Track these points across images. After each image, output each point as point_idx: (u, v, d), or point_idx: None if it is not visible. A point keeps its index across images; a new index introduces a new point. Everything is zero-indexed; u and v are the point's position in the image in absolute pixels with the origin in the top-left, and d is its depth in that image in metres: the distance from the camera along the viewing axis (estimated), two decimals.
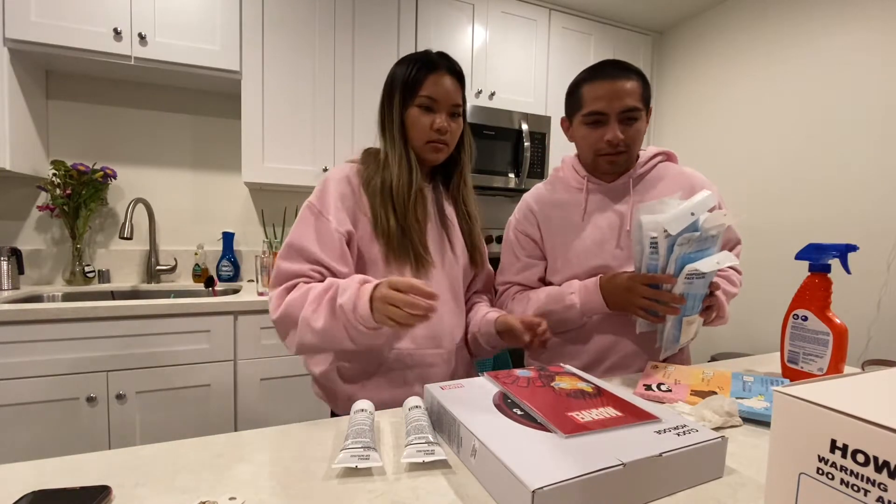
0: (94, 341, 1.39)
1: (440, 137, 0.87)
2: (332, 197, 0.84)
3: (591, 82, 0.94)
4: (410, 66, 0.88)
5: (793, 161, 1.99)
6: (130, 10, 1.62)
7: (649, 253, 0.83)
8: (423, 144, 0.88)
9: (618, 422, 0.50)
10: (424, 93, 0.86)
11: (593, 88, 0.93)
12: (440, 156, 0.90)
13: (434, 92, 0.86)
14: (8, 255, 1.68)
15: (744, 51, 2.20)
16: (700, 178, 1.03)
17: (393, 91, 0.89)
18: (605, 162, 0.96)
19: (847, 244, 0.79)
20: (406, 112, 0.88)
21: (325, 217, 0.82)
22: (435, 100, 0.86)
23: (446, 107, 0.87)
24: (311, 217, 0.83)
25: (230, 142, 2.07)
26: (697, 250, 0.82)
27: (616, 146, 0.93)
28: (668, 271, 0.82)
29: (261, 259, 1.67)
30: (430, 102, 0.86)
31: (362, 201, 0.86)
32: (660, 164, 1.04)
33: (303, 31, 1.86)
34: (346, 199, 0.85)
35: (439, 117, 0.86)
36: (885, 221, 1.69)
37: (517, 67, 2.25)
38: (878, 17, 1.72)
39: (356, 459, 0.47)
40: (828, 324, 0.78)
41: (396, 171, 0.86)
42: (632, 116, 0.92)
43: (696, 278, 0.81)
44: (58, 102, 1.84)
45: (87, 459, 0.49)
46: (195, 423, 1.52)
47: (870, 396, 0.31)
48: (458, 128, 0.90)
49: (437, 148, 0.88)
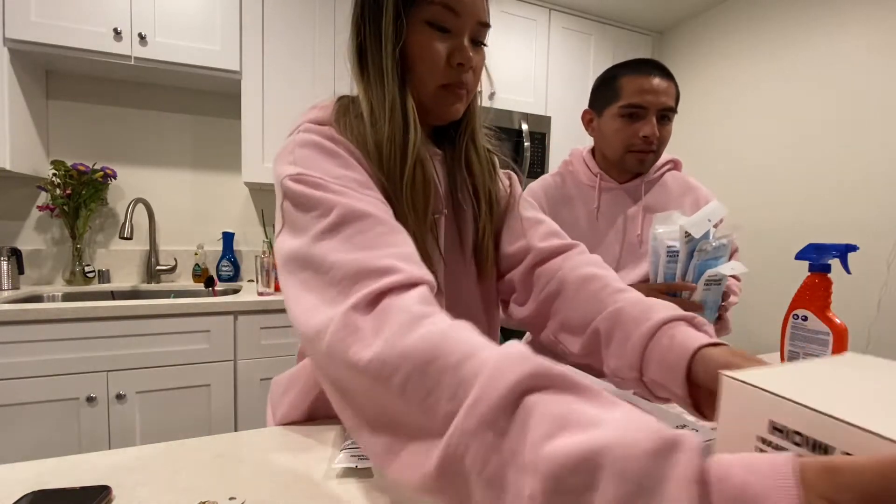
0: (94, 341, 1.39)
1: (462, 77, 0.55)
2: (328, 151, 0.50)
3: (634, 75, 0.91)
4: None
5: (793, 161, 1.99)
6: (130, 10, 1.62)
7: (666, 262, 0.84)
8: (436, 89, 0.55)
9: None
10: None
11: (636, 81, 0.90)
12: (460, 107, 0.58)
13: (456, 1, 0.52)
14: (8, 255, 1.68)
15: (744, 51, 2.20)
16: (704, 192, 1.02)
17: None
18: (635, 159, 0.94)
19: (847, 244, 0.79)
20: (405, 32, 0.53)
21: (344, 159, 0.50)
22: (455, 12, 0.53)
23: (471, 25, 0.54)
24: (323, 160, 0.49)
25: (230, 142, 2.07)
26: (712, 258, 0.83)
27: (651, 143, 0.91)
28: (687, 279, 0.82)
29: (261, 259, 1.67)
30: (448, 16, 0.53)
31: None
32: (667, 172, 1.03)
33: (303, 31, 1.86)
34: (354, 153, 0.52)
35: (460, 43, 0.54)
36: (885, 221, 1.69)
37: (517, 67, 2.25)
38: (878, 18, 1.72)
39: (356, 459, 0.47)
40: (828, 324, 0.78)
41: (386, 129, 0.53)
42: (668, 117, 0.92)
43: (714, 285, 0.82)
44: (58, 102, 1.84)
45: (87, 459, 0.49)
46: (195, 423, 1.52)
47: (809, 381, 0.33)
48: (481, 62, 0.58)
49: (457, 94, 0.56)
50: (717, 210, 0.82)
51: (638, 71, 0.91)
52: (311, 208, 0.45)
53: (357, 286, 0.38)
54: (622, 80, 0.92)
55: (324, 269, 0.40)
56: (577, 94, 2.41)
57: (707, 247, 0.80)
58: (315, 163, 0.48)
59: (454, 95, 0.56)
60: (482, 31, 0.56)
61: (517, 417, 0.27)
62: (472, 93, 0.59)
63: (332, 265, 0.40)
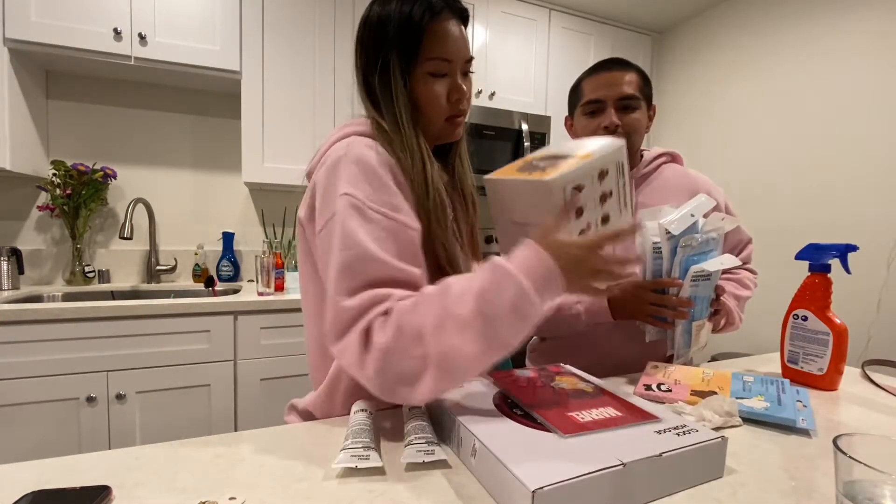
0: (94, 341, 1.39)
1: (460, 109, 0.69)
2: (380, 178, 0.59)
3: (591, 75, 0.96)
4: (404, 11, 0.63)
5: (792, 161, 1.99)
6: (130, 10, 1.62)
7: (652, 258, 0.83)
8: (442, 123, 0.68)
9: (618, 422, 0.50)
10: (436, 53, 0.64)
11: (592, 80, 0.96)
12: (460, 130, 0.72)
13: (446, 49, 0.64)
14: (8, 255, 1.68)
15: (744, 51, 2.20)
16: (704, 181, 1.02)
17: (385, 47, 0.64)
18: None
19: (847, 244, 0.79)
20: (410, 80, 0.65)
21: (379, 212, 0.57)
22: (449, 60, 0.65)
23: (460, 65, 0.67)
24: (356, 216, 0.56)
25: (230, 142, 2.07)
26: (700, 253, 0.82)
27: (613, 132, 0.92)
28: (672, 275, 0.81)
29: (261, 259, 1.67)
30: (443, 66, 0.65)
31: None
32: (664, 165, 1.03)
33: (303, 30, 1.86)
34: (398, 178, 0.62)
35: (454, 82, 0.67)
36: (885, 221, 1.69)
37: (517, 67, 2.25)
38: (878, 18, 1.72)
39: (356, 459, 0.47)
40: (828, 324, 0.78)
41: (411, 164, 0.64)
42: (629, 105, 0.92)
43: (702, 280, 0.81)
44: (58, 102, 1.84)
45: (87, 459, 0.49)
46: (195, 423, 1.52)
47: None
48: (471, 88, 0.71)
49: (458, 122, 0.70)
50: (703, 204, 0.82)
51: (594, 70, 0.96)
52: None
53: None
54: (583, 83, 0.97)
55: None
56: None
57: (692, 241, 0.79)
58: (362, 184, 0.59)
59: (455, 124, 0.70)
60: (469, 65, 0.69)
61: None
62: (466, 115, 0.72)
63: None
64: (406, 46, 0.63)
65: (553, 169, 0.58)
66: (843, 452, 0.37)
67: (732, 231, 1.02)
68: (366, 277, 0.54)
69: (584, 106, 0.96)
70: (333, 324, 0.54)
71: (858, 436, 0.39)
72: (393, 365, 0.50)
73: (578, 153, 0.61)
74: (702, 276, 0.80)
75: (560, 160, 0.60)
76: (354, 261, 0.54)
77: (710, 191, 1.01)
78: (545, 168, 0.59)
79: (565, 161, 0.59)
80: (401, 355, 0.50)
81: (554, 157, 0.62)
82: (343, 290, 0.54)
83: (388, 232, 0.56)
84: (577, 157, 0.59)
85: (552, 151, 0.65)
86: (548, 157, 0.63)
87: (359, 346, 0.52)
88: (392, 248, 0.56)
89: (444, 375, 0.50)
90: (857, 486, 0.36)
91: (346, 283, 0.54)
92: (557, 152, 0.64)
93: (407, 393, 0.51)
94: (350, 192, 0.57)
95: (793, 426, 0.60)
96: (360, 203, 0.56)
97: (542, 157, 0.64)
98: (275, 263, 1.69)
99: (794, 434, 0.59)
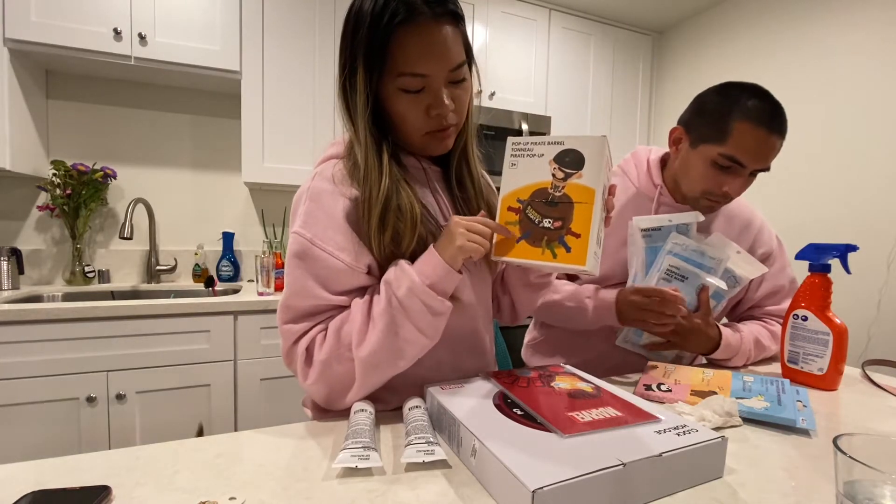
0: (94, 341, 1.39)
1: (443, 122, 0.60)
2: (332, 216, 0.60)
3: (752, 125, 0.79)
4: (375, 12, 0.54)
5: (792, 161, 1.99)
6: (130, 10, 1.62)
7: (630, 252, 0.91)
8: (421, 137, 0.62)
9: (618, 422, 0.50)
10: (407, 69, 0.55)
11: (752, 134, 0.79)
12: (448, 143, 0.64)
13: (419, 63, 0.55)
14: (8, 255, 1.68)
15: (744, 51, 2.20)
16: (759, 226, 0.97)
17: (355, 51, 0.57)
18: (706, 205, 0.89)
19: (847, 244, 0.79)
20: (380, 90, 0.59)
21: (324, 251, 0.59)
22: (423, 75, 0.56)
23: (443, 76, 0.57)
24: (303, 255, 0.59)
25: (230, 142, 2.07)
26: (687, 258, 0.86)
27: (730, 199, 0.87)
28: (647, 265, 0.88)
29: (261, 259, 1.67)
30: (416, 82, 0.56)
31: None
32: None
33: (303, 30, 1.86)
34: (350, 217, 0.60)
35: (434, 96, 0.58)
36: (885, 221, 1.69)
37: (517, 67, 2.25)
38: (879, 18, 1.72)
39: (356, 459, 0.47)
40: (828, 324, 0.78)
41: (372, 179, 0.59)
42: (756, 175, 0.86)
43: (676, 280, 0.86)
44: (58, 102, 1.84)
45: (87, 459, 0.49)
46: (195, 423, 1.52)
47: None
48: (465, 94, 0.61)
49: (441, 136, 0.62)
50: (686, 216, 0.87)
51: (759, 122, 0.78)
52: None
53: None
54: (736, 125, 0.79)
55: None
56: (576, 93, 2.41)
57: (685, 243, 0.85)
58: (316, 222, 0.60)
59: (438, 139, 0.62)
60: (457, 73, 0.58)
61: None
62: (460, 125, 0.64)
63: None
64: (372, 55, 0.55)
65: (573, 240, 0.54)
66: (843, 452, 0.37)
67: (771, 277, 0.97)
68: (306, 310, 0.61)
69: (722, 156, 0.81)
70: (283, 345, 0.63)
71: (858, 436, 0.39)
72: (331, 374, 0.59)
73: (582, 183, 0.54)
74: (676, 274, 0.84)
75: (563, 203, 0.55)
76: (293, 297, 0.61)
77: (763, 225, 0.98)
78: (556, 229, 0.55)
79: (574, 210, 0.54)
80: (337, 361, 0.58)
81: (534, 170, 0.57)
82: (287, 319, 0.61)
83: (329, 270, 0.59)
84: (589, 194, 0.54)
85: (527, 161, 0.58)
86: (531, 188, 0.57)
87: (302, 363, 0.60)
88: (333, 285, 0.60)
89: (370, 371, 0.58)
90: (857, 486, 0.36)
91: (290, 315, 0.61)
92: (532, 166, 0.57)
93: (343, 397, 0.60)
94: (300, 231, 0.60)
95: (793, 426, 0.60)
96: (308, 243, 0.59)
97: (528, 191, 0.58)
98: (275, 263, 1.69)
99: (794, 434, 0.59)
